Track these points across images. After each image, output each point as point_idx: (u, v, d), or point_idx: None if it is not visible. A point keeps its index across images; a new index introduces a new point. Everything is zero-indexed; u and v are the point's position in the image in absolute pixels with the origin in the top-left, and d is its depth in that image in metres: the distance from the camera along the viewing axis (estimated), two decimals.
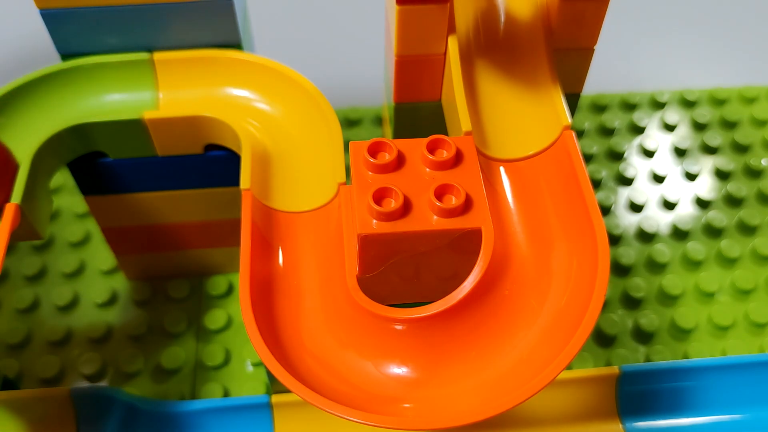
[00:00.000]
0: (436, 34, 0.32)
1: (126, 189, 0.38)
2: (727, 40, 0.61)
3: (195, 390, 0.40)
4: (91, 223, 0.46)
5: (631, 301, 0.43)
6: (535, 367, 0.26)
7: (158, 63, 0.35)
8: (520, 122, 0.32)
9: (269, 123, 0.34)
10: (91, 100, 0.35)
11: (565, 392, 0.35)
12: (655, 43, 0.60)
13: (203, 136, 0.35)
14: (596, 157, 0.50)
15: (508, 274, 0.29)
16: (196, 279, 0.44)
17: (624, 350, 0.41)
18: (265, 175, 0.32)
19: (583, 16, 0.32)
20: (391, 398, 0.27)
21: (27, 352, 0.41)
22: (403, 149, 0.29)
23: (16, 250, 0.45)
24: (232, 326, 0.42)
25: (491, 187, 0.31)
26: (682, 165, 0.50)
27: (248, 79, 0.35)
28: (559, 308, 0.28)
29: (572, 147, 0.30)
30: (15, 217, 0.31)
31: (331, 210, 0.31)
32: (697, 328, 0.42)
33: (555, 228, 0.30)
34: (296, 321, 0.29)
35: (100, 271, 0.44)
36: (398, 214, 0.27)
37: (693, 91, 0.54)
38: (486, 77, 0.34)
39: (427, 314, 0.27)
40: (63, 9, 0.33)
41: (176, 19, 0.34)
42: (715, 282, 0.44)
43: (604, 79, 0.53)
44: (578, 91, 0.36)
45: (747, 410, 0.35)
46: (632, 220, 0.47)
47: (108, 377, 0.41)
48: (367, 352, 0.28)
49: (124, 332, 0.42)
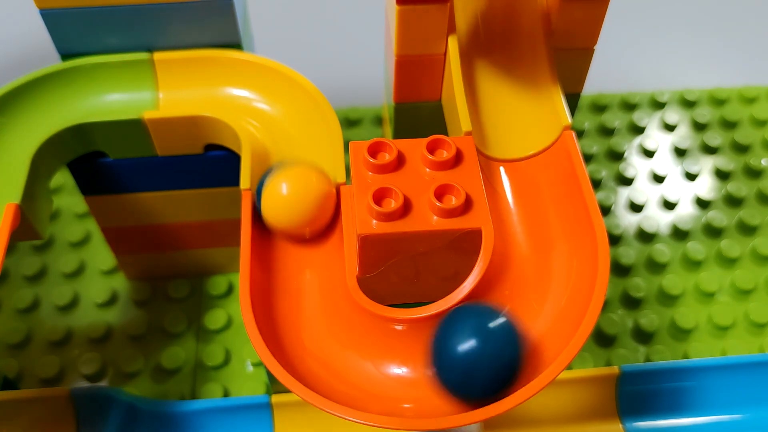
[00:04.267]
0: (436, 34, 0.32)
1: (126, 189, 0.38)
2: (727, 40, 0.61)
3: (195, 390, 0.40)
4: (91, 223, 0.46)
5: (631, 301, 0.43)
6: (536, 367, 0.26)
7: (158, 63, 0.35)
8: (520, 122, 0.32)
9: (269, 123, 0.34)
10: (91, 100, 0.35)
11: (565, 392, 0.35)
12: (655, 43, 0.60)
13: (203, 136, 0.35)
14: (596, 157, 0.50)
15: (508, 274, 0.29)
16: (196, 279, 0.44)
17: (624, 350, 0.41)
18: None
19: (583, 16, 0.32)
20: (391, 398, 0.27)
21: (27, 352, 0.41)
22: (403, 149, 0.29)
23: (16, 250, 0.45)
24: (232, 326, 0.42)
25: (491, 187, 0.31)
26: (682, 165, 0.50)
27: (248, 79, 0.35)
28: (559, 308, 0.28)
29: (572, 147, 0.30)
30: (15, 217, 0.31)
31: None
32: (697, 328, 0.42)
33: (555, 228, 0.30)
34: (296, 321, 0.29)
35: (100, 271, 0.44)
36: (398, 215, 0.27)
37: (693, 91, 0.54)
38: (486, 77, 0.34)
39: (427, 314, 0.27)
40: (63, 9, 0.33)
41: (176, 19, 0.34)
42: (715, 282, 0.44)
43: (604, 79, 0.53)
44: (578, 91, 0.36)
45: (747, 410, 0.35)
46: (632, 220, 0.47)
47: (108, 377, 0.41)
48: (367, 352, 0.28)
49: (124, 332, 0.42)
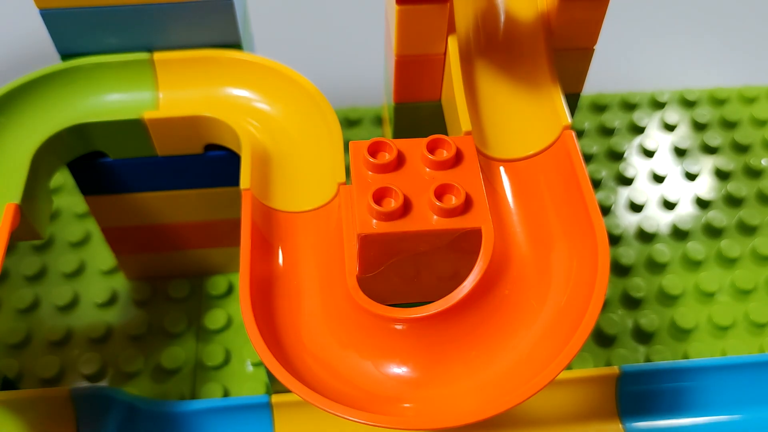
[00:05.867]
0: (436, 34, 0.32)
1: (126, 189, 0.38)
2: (727, 40, 0.61)
3: (195, 390, 0.40)
4: (91, 223, 0.46)
5: (631, 301, 0.43)
6: (535, 367, 0.26)
7: (158, 63, 0.35)
8: (520, 122, 0.32)
9: (269, 123, 0.34)
10: (91, 100, 0.35)
11: (565, 392, 0.35)
12: (655, 43, 0.60)
13: (203, 136, 0.35)
14: (596, 157, 0.50)
15: (508, 274, 0.29)
16: (196, 279, 0.44)
17: (624, 350, 0.41)
18: (265, 175, 0.32)
19: (583, 16, 0.32)
20: (391, 398, 0.27)
21: (27, 352, 0.41)
22: (403, 149, 0.29)
23: (16, 250, 0.45)
24: (232, 326, 0.42)
25: (491, 187, 0.31)
26: (682, 165, 0.50)
27: (248, 79, 0.35)
28: (559, 308, 0.28)
29: (572, 147, 0.30)
30: (15, 217, 0.31)
31: (331, 210, 0.31)
32: (697, 328, 0.42)
33: (555, 228, 0.30)
34: (296, 321, 0.29)
35: (100, 271, 0.44)
36: (398, 214, 0.27)
37: (693, 91, 0.54)
38: (486, 77, 0.34)
39: (427, 314, 0.27)
40: (63, 9, 0.33)
41: (176, 19, 0.34)
42: (715, 282, 0.44)
43: (604, 79, 0.53)
44: (578, 91, 0.36)
45: (747, 410, 0.35)
46: (632, 220, 0.47)
47: (108, 377, 0.41)
48: (367, 352, 0.28)
49: (124, 332, 0.42)
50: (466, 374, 0.27)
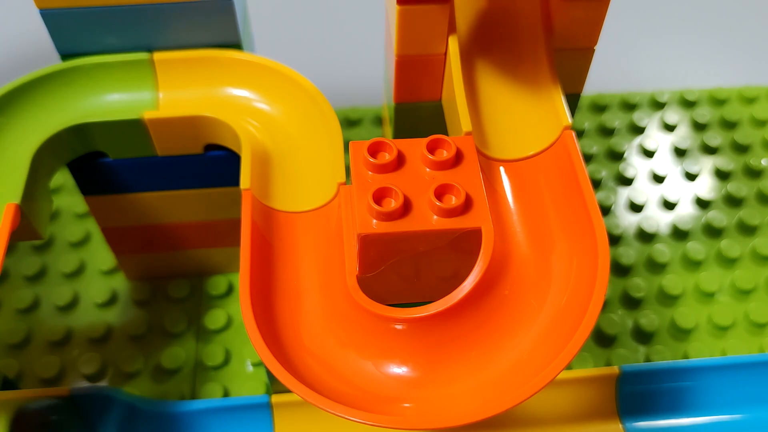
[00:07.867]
0: (437, 34, 0.32)
1: (126, 189, 0.38)
2: (727, 40, 0.61)
3: (195, 390, 0.40)
4: (91, 223, 0.46)
5: (631, 301, 0.43)
6: (535, 367, 0.26)
7: (158, 63, 0.35)
8: (520, 122, 0.32)
9: (269, 123, 0.34)
10: (91, 100, 0.35)
11: (565, 392, 0.35)
12: (655, 43, 0.60)
13: (203, 136, 0.35)
14: (596, 157, 0.50)
15: (508, 274, 0.29)
16: (196, 279, 0.44)
17: (624, 350, 0.41)
18: (265, 175, 0.32)
19: (583, 16, 0.32)
20: (391, 398, 0.27)
21: (27, 352, 0.41)
22: (403, 149, 0.29)
23: (16, 250, 0.45)
24: (232, 326, 0.42)
25: (491, 187, 0.31)
26: (682, 165, 0.50)
27: (248, 79, 0.35)
28: (559, 308, 0.28)
29: (572, 147, 0.30)
30: (15, 217, 0.31)
31: (331, 210, 0.31)
32: (697, 328, 0.42)
33: (555, 228, 0.30)
34: (296, 321, 0.29)
35: (100, 271, 0.44)
36: (398, 214, 0.27)
37: (693, 91, 0.54)
38: (486, 77, 0.34)
39: (427, 314, 0.27)
40: (63, 9, 0.33)
41: (176, 19, 0.34)
42: (715, 282, 0.44)
43: (604, 79, 0.53)
44: (578, 91, 0.36)
45: (747, 410, 0.35)
46: (632, 220, 0.47)
47: (108, 377, 0.41)
48: (367, 352, 0.28)
49: (124, 332, 0.42)
50: (466, 374, 0.27)
